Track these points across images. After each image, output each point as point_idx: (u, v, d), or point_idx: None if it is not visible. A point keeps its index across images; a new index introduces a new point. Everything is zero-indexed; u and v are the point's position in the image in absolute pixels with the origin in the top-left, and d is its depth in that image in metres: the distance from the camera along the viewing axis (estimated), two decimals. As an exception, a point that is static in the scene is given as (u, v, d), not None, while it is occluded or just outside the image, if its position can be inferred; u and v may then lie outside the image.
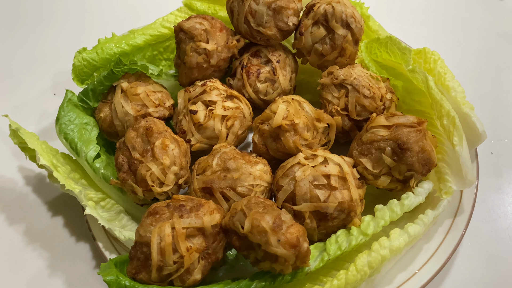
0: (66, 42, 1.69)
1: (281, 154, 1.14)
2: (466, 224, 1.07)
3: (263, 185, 1.06)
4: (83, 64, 1.29)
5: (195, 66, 1.22)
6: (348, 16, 1.18)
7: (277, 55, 1.28)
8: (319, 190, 0.99)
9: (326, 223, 1.00)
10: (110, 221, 1.11)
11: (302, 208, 0.99)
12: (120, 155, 1.08)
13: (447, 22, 1.67)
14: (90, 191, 1.14)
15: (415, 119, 1.05)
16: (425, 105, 1.21)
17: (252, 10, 1.21)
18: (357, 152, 1.07)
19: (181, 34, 1.23)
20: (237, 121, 1.19)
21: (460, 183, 1.06)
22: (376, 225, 0.99)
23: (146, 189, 1.05)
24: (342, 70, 1.19)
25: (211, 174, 1.06)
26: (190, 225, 0.92)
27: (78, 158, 1.15)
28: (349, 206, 0.99)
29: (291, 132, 1.11)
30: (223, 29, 1.25)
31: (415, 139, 1.01)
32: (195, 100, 1.20)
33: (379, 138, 1.04)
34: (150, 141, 1.07)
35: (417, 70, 1.16)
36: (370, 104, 1.16)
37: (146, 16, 1.51)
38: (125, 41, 1.34)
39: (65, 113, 1.17)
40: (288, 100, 1.15)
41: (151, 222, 0.93)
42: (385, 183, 1.06)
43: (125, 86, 1.17)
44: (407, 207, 1.01)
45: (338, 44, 1.19)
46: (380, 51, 1.29)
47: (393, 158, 1.03)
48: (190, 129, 1.18)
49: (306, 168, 1.01)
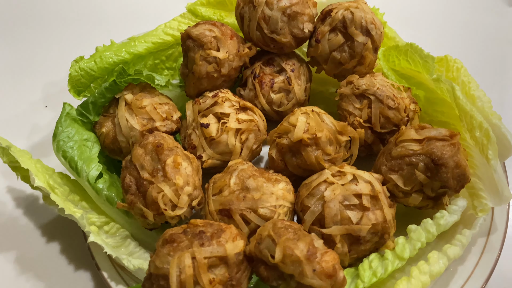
0: (58, 50, 1.57)
1: (301, 170, 1.05)
2: (502, 243, 1.01)
3: (287, 205, 0.97)
4: (80, 74, 1.18)
5: (205, 76, 1.13)
6: (368, 22, 1.11)
7: (291, 63, 1.19)
8: (350, 211, 0.91)
9: (358, 247, 0.92)
10: (116, 248, 1.00)
11: (333, 232, 0.90)
12: (127, 175, 0.98)
13: (455, 29, 1.62)
14: (92, 215, 1.04)
15: (447, 131, 0.98)
16: (449, 115, 1.14)
17: (266, 16, 1.13)
18: (386, 168, 0.99)
19: (189, 42, 1.13)
20: (251, 135, 1.10)
21: (496, 199, 0.99)
22: (412, 248, 0.91)
23: (158, 212, 0.95)
24: (364, 79, 1.12)
25: (229, 195, 0.96)
26: (212, 254, 0.82)
27: (79, 178, 1.04)
28: (383, 228, 0.91)
29: (313, 146, 1.02)
30: (234, 36, 1.16)
31: (450, 153, 0.94)
32: (205, 112, 1.11)
33: (410, 153, 0.97)
34: (160, 159, 0.97)
35: (442, 79, 1.09)
36: (395, 115, 1.09)
37: (146, 23, 1.41)
38: (125, 49, 1.23)
39: (63, 129, 1.06)
40: (307, 111, 1.06)
41: (168, 251, 0.83)
42: (417, 201, 0.98)
43: (130, 98, 1.07)
44: (443, 227, 0.94)
45: (357, 52, 1.12)
46: (399, 59, 1.22)
47: (426, 174, 0.95)
48: (201, 144, 1.09)
49: (335, 187, 0.92)
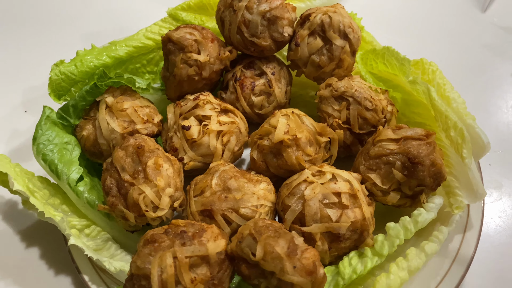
0: (39, 55, 1.55)
1: (282, 171, 1.07)
2: (477, 239, 1.03)
3: (268, 205, 0.98)
4: (60, 78, 1.18)
5: (186, 79, 1.14)
6: (346, 26, 1.14)
7: (272, 67, 1.21)
8: (330, 209, 0.92)
9: (338, 245, 0.93)
10: (97, 250, 1.00)
11: (313, 230, 0.92)
12: (108, 177, 0.98)
13: (430, 34, 1.67)
14: (73, 218, 1.03)
15: (423, 131, 1.00)
16: (425, 116, 1.17)
17: (246, 20, 1.15)
18: (364, 168, 1.02)
19: (169, 45, 1.14)
20: (233, 137, 1.11)
21: (471, 197, 1.02)
22: (391, 244, 0.93)
23: (139, 214, 0.95)
24: (342, 82, 1.14)
25: (210, 195, 0.97)
26: (193, 253, 0.83)
27: (59, 181, 1.04)
28: (362, 225, 0.93)
29: (293, 147, 1.04)
30: (215, 39, 1.17)
31: (426, 152, 0.97)
32: (187, 115, 1.11)
33: (387, 152, 0.99)
34: (141, 161, 0.97)
35: (418, 82, 1.12)
36: (372, 116, 1.11)
37: (128, 27, 1.42)
38: (106, 53, 1.24)
39: (43, 132, 1.05)
40: (288, 113, 1.08)
41: (150, 251, 0.83)
42: (395, 199, 1.00)
43: (110, 101, 1.07)
44: (420, 224, 0.96)
45: (336, 55, 1.14)
46: (376, 62, 1.25)
47: (403, 172, 0.98)
48: (182, 146, 1.09)
49: (315, 185, 0.94)
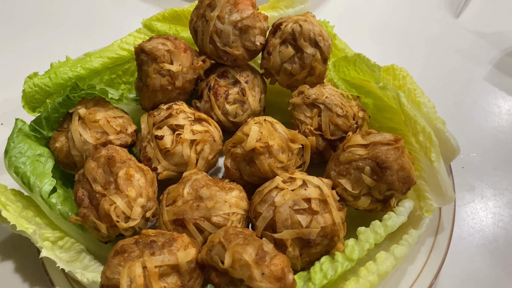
0: (13, 67, 1.55)
1: (256, 178, 1.08)
2: (448, 242, 1.05)
3: (240, 213, 0.99)
4: (34, 90, 1.18)
5: (159, 89, 1.15)
6: (316, 35, 1.16)
7: (245, 75, 1.23)
8: (300, 215, 0.93)
9: (309, 250, 0.94)
10: (70, 262, 1.00)
11: (284, 236, 0.93)
12: (80, 189, 0.98)
13: (406, 40, 1.70)
14: (46, 230, 1.03)
15: (392, 136, 1.02)
16: (396, 121, 1.19)
17: (218, 29, 1.16)
18: (335, 173, 1.03)
19: (142, 56, 1.15)
20: (207, 145, 1.12)
21: (440, 200, 1.04)
22: (361, 249, 0.94)
23: (110, 225, 0.95)
24: (313, 89, 1.16)
25: (182, 205, 0.97)
26: (163, 262, 0.83)
27: (31, 194, 1.04)
28: (332, 230, 0.94)
29: (266, 154, 1.05)
30: (188, 49, 1.18)
31: (394, 157, 0.99)
32: (160, 124, 1.12)
33: (357, 157, 1.01)
34: (112, 171, 0.98)
35: (388, 87, 1.14)
36: (344, 123, 1.13)
37: (102, 38, 1.42)
38: (80, 64, 1.24)
39: (15, 145, 1.05)
40: (260, 121, 1.09)
41: (119, 262, 0.83)
42: (366, 204, 1.02)
43: (83, 113, 1.08)
44: (390, 228, 0.97)
45: (307, 63, 1.16)
46: (348, 69, 1.27)
47: (372, 177, 0.99)
48: (156, 156, 1.10)
49: (285, 192, 0.95)
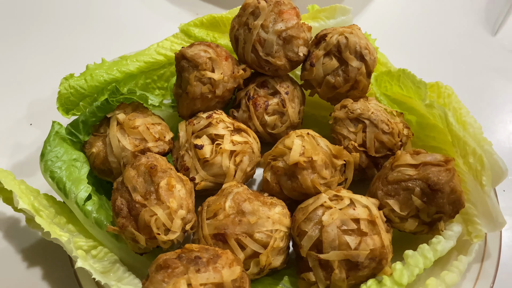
0: (44, 67, 1.52)
1: (296, 194, 1.04)
2: (496, 269, 1.00)
3: (283, 230, 0.95)
4: (69, 92, 1.15)
5: (199, 97, 1.11)
6: (362, 48, 1.12)
7: (285, 86, 1.19)
8: (348, 236, 0.89)
9: (356, 273, 0.90)
10: (104, 273, 0.96)
11: (331, 257, 0.89)
12: (119, 197, 0.95)
13: (440, 57, 1.65)
14: (79, 238, 0.99)
15: (442, 157, 0.98)
16: (440, 141, 1.15)
17: (261, 38, 1.13)
18: (382, 193, 0.99)
19: (183, 62, 1.12)
20: (246, 157, 1.08)
21: (490, 225, 0.99)
22: (410, 273, 0.90)
23: (150, 236, 0.92)
24: (358, 103, 1.12)
25: (224, 218, 0.94)
26: (208, 280, 0.79)
27: (67, 200, 1.00)
28: (381, 253, 0.90)
29: (309, 170, 1.01)
30: (229, 57, 1.15)
31: (446, 179, 0.95)
32: (199, 133, 1.09)
33: (406, 177, 0.97)
34: (153, 181, 0.94)
35: (435, 106, 1.10)
36: (389, 140, 1.09)
37: (137, 41, 1.39)
38: (116, 67, 1.21)
39: (51, 148, 1.02)
40: (302, 134, 1.06)
41: (163, 278, 0.79)
42: (413, 226, 0.98)
43: (122, 118, 1.04)
44: (440, 253, 0.93)
45: (351, 76, 1.13)
46: (391, 84, 1.23)
47: (422, 199, 0.95)
48: (194, 165, 1.06)
49: (333, 211, 0.91)
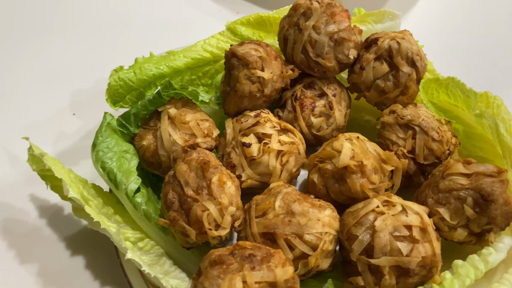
0: (88, 58, 1.53)
1: (343, 197, 1.03)
2: (543, 284, 0.99)
3: (332, 233, 0.95)
4: (119, 84, 1.16)
5: (247, 95, 1.11)
6: (414, 54, 1.12)
7: (333, 88, 1.19)
8: (400, 242, 0.88)
9: (406, 280, 0.89)
10: (151, 266, 0.96)
11: (381, 262, 0.88)
12: (170, 191, 0.95)
13: (489, 67, 1.58)
14: (126, 230, 1.00)
15: (495, 168, 0.97)
16: (487, 151, 1.14)
17: (312, 39, 1.13)
18: (433, 201, 0.98)
19: (233, 60, 1.12)
20: (292, 158, 1.08)
21: (541, 239, 0.98)
22: (461, 284, 0.89)
23: (200, 231, 0.92)
24: (408, 109, 1.11)
25: (273, 218, 0.93)
26: (262, 279, 0.79)
27: (117, 191, 1.01)
28: (432, 261, 0.89)
29: (358, 174, 1.01)
30: (278, 57, 1.15)
31: (500, 190, 0.94)
32: (246, 131, 1.09)
33: (458, 186, 0.96)
34: (205, 176, 0.94)
35: (485, 116, 1.09)
36: (438, 148, 1.08)
37: (182, 37, 1.40)
38: (164, 62, 1.22)
39: (103, 139, 1.03)
40: (351, 137, 1.05)
41: (219, 273, 0.79)
42: (462, 236, 0.97)
43: (173, 113, 1.05)
44: (491, 265, 0.92)
45: (402, 82, 1.12)
46: (438, 92, 1.23)
47: (475, 209, 0.94)
48: (241, 163, 1.06)
49: (386, 217, 0.90)
